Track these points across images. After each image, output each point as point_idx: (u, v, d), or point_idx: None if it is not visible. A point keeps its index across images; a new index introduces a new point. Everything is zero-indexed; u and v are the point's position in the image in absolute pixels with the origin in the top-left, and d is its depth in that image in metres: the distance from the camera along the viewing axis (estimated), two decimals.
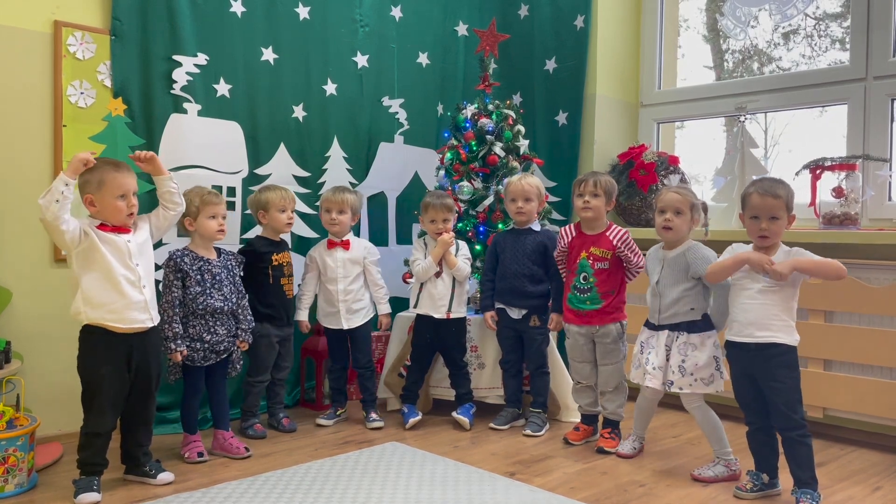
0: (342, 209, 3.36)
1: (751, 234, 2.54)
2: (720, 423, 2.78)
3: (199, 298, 2.81)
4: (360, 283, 3.40)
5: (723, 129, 4.60)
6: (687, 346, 2.76)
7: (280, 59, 3.68)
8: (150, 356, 2.55)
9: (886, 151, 3.53)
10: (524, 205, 3.32)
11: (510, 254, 3.36)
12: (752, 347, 2.49)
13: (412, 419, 3.34)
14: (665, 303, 2.80)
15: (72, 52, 3.08)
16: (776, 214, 2.47)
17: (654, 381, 2.79)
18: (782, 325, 2.46)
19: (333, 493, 2.49)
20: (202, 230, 2.88)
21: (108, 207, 2.45)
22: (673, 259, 2.83)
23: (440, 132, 4.22)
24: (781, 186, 2.51)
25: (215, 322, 2.85)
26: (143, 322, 2.49)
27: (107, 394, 2.45)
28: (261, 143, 3.63)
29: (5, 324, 2.93)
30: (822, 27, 4.81)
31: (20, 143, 2.99)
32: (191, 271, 2.81)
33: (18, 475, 2.48)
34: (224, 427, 2.97)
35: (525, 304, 3.33)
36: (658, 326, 2.83)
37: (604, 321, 3.06)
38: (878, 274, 3.16)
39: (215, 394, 2.97)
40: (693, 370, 2.74)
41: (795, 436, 2.44)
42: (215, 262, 2.90)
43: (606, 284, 3.05)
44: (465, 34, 4.46)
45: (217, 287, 2.86)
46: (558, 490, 2.60)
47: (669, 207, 2.80)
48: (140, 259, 2.51)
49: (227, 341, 2.89)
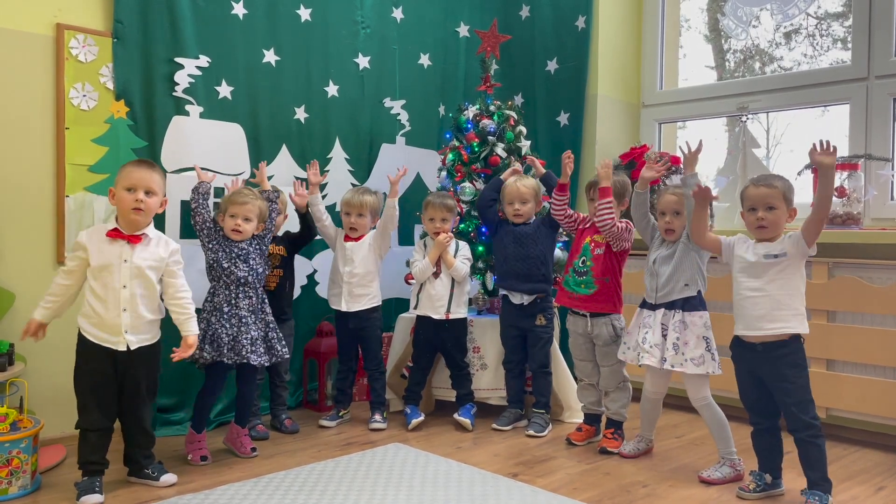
0: (361, 212, 3.38)
1: (749, 226, 2.53)
2: (727, 422, 2.78)
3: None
4: (366, 269, 3.39)
5: (724, 129, 4.59)
6: (681, 325, 2.76)
7: (281, 61, 3.68)
8: (134, 366, 2.51)
9: (888, 151, 3.53)
10: (521, 207, 3.33)
11: (512, 238, 3.36)
12: (758, 348, 2.47)
13: (415, 420, 3.34)
14: (661, 281, 2.81)
15: (74, 54, 3.09)
16: (772, 204, 2.45)
17: (651, 358, 2.79)
18: (793, 313, 2.43)
19: (336, 495, 2.49)
20: (224, 227, 2.92)
21: (118, 199, 2.48)
22: (672, 242, 2.85)
23: (442, 133, 4.23)
24: (776, 178, 2.51)
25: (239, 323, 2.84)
26: (115, 345, 2.45)
27: (91, 391, 2.47)
28: (263, 145, 3.63)
29: (8, 326, 2.93)
30: (824, 27, 4.80)
31: (23, 146, 2.99)
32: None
33: (22, 477, 2.48)
34: (240, 423, 2.98)
35: (529, 289, 3.32)
36: (655, 305, 2.84)
37: (595, 308, 3.07)
38: (880, 273, 3.16)
39: (239, 384, 2.96)
40: (683, 349, 2.74)
41: (806, 437, 2.43)
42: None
43: (602, 270, 3.06)
44: (466, 35, 4.47)
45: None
46: (561, 491, 2.60)
47: (669, 210, 2.82)
48: (130, 282, 2.46)
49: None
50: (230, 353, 2.76)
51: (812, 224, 2.41)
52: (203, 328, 2.74)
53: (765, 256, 2.46)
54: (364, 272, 3.39)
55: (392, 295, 4.02)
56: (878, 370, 3.15)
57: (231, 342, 2.77)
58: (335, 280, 3.44)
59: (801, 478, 2.53)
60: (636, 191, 2.91)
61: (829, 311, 3.26)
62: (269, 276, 3.23)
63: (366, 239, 3.41)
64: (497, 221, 3.46)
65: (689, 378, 2.77)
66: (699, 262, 2.80)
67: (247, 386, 2.95)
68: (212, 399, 2.92)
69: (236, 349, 2.77)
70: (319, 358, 3.71)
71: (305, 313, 3.76)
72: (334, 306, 3.43)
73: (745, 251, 2.53)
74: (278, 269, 3.27)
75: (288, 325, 3.33)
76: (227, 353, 2.76)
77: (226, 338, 2.77)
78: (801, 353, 2.46)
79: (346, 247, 3.40)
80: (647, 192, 2.92)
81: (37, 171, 3.02)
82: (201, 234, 2.88)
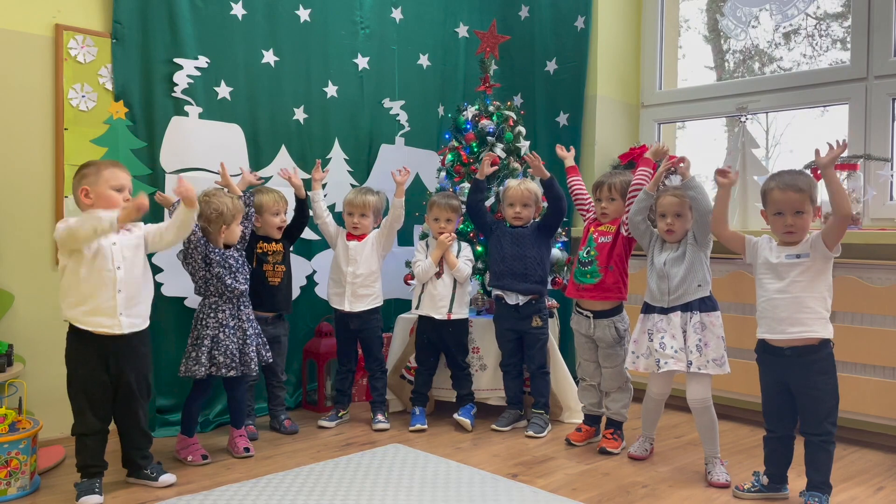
0: (364, 212, 3.38)
1: (775, 230, 2.48)
2: (717, 423, 2.78)
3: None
4: (369, 269, 3.39)
5: (724, 129, 4.59)
6: (700, 326, 2.74)
7: (281, 62, 3.68)
8: (127, 360, 2.51)
9: (888, 151, 3.52)
10: (522, 210, 3.33)
11: (510, 238, 3.35)
12: (787, 353, 2.43)
13: (418, 425, 3.34)
14: (674, 284, 2.77)
15: (73, 55, 3.08)
16: (801, 209, 2.41)
17: (678, 363, 2.72)
18: (816, 317, 2.39)
19: (336, 496, 2.49)
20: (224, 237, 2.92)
21: (102, 197, 2.45)
22: (676, 244, 2.83)
23: (441, 134, 4.22)
24: (803, 179, 2.44)
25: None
26: (110, 328, 2.44)
27: (85, 394, 2.46)
28: (262, 146, 3.63)
29: (7, 327, 2.93)
30: (823, 27, 4.80)
31: (22, 147, 2.99)
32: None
33: (21, 478, 2.48)
34: (235, 424, 3.01)
35: (525, 289, 3.31)
36: (668, 309, 2.79)
37: (600, 297, 3.06)
38: (880, 274, 3.15)
39: (232, 392, 2.98)
40: (705, 351, 2.72)
41: (820, 441, 2.41)
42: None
43: (606, 258, 3.06)
44: (465, 35, 4.47)
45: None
46: (560, 491, 2.60)
47: (669, 212, 2.81)
48: (123, 263, 2.47)
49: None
50: (241, 366, 2.85)
51: (830, 226, 2.38)
52: (209, 345, 2.79)
53: (787, 257, 2.44)
54: (367, 272, 3.39)
55: (391, 296, 4.02)
56: (877, 370, 3.15)
57: (240, 355, 2.85)
58: (337, 280, 3.43)
59: (800, 478, 2.53)
60: (647, 192, 2.87)
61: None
62: (274, 273, 3.24)
63: (368, 239, 3.41)
64: (492, 222, 3.46)
65: (696, 378, 2.73)
66: (706, 262, 2.79)
67: (237, 391, 2.97)
68: (199, 405, 2.95)
69: (244, 361, 2.86)
70: (318, 358, 3.70)
71: (304, 314, 3.77)
72: (336, 306, 3.43)
73: (769, 252, 2.50)
74: (281, 265, 3.27)
75: (284, 325, 3.34)
76: (239, 366, 2.84)
77: (236, 351, 2.83)
78: (830, 360, 2.41)
79: (348, 246, 3.40)
80: (654, 196, 2.88)
81: (36, 172, 3.02)
82: (195, 252, 2.80)
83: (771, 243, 2.52)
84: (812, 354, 2.40)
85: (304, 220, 3.37)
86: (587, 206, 3.26)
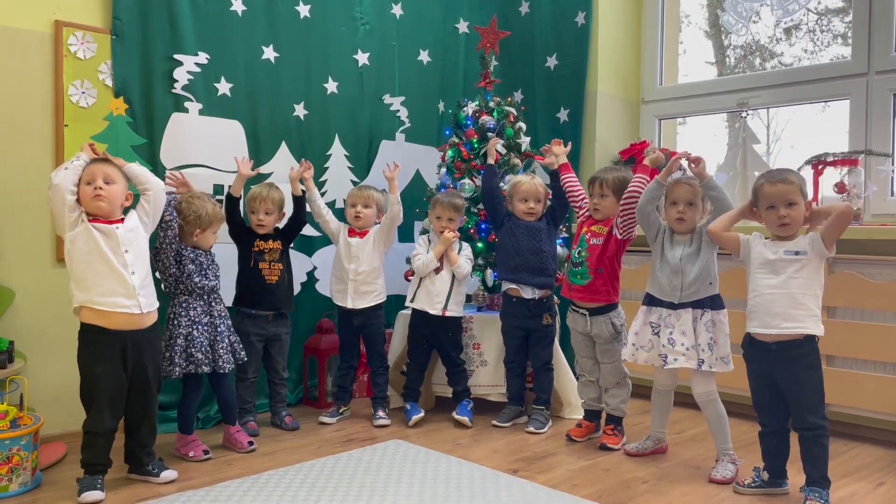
0: (367, 203, 3.39)
1: (769, 225, 2.48)
2: (727, 418, 2.77)
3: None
4: (371, 265, 3.39)
5: (725, 125, 4.59)
6: (711, 324, 2.73)
7: (281, 58, 3.68)
8: (145, 355, 2.54)
9: (889, 147, 3.52)
10: (535, 205, 3.32)
11: (525, 231, 3.33)
12: (772, 347, 2.45)
13: (415, 416, 3.34)
14: (688, 280, 2.74)
15: (73, 51, 3.08)
16: (793, 200, 2.42)
17: (689, 361, 2.71)
18: (808, 314, 2.40)
19: (336, 491, 2.50)
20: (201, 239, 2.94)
21: (82, 196, 2.49)
22: (688, 237, 2.81)
23: (441, 130, 4.22)
24: (790, 173, 2.48)
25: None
26: (129, 308, 2.48)
27: (103, 393, 2.46)
28: (262, 142, 3.63)
29: (8, 324, 2.93)
30: (824, 22, 4.80)
31: (22, 143, 2.99)
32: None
33: (22, 474, 2.49)
34: (229, 422, 3.02)
35: (541, 283, 3.30)
36: (678, 305, 2.77)
37: (592, 299, 3.06)
38: (880, 269, 3.15)
39: (218, 391, 2.98)
40: (716, 349, 2.72)
41: (812, 435, 2.41)
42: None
43: (596, 261, 3.05)
44: (465, 31, 4.46)
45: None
46: (561, 487, 2.60)
47: (682, 199, 2.78)
48: (129, 246, 2.52)
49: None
50: (212, 362, 2.85)
51: (829, 225, 2.39)
52: (183, 344, 2.79)
53: (785, 253, 2.44)
54: (370, 269, 3.39)
55: (392, 292, 4.01)
56: (877, 366, 3.15)
57: (211, 351, 2.86)
58: (340, 276, 3.43)
59: (799, 474, 2.53)
60: (658, 182, 2.80)
61: (828, 307, 3.25)
62: (271, 271, 3.23)
63: (370, 235, 3.41)
64: (505, 213, 3.41)
65: (703, 374, 2.74)
66: (715, 260, 2.79)
67: (223, 390, 2.97)
68: (194, 404, 2.95)
69: (214, 357, 2.87)
70: (319, 355, 3.71)
71: (305, 310, 3.77)
72: (339, 303, 3.43)
73: (764, 248, 2.50)
74: (278, 263, 3.27)
75: (286, 323, 3.34)
76: (210, 362, 2.85)
77: (208, 347, 2.85)
78: (815, 355, 2.43)
79: (350, 243, 3.40)
80: (665, 186, 2.83)
81: (36, 169, 3.01)
82: (169, 249, 2.79)
83: (765, 240, 2.53)
84: (797, 349, 2.42)
85: (299, 219, 3.36)
86: (580, 202, 3.24)
